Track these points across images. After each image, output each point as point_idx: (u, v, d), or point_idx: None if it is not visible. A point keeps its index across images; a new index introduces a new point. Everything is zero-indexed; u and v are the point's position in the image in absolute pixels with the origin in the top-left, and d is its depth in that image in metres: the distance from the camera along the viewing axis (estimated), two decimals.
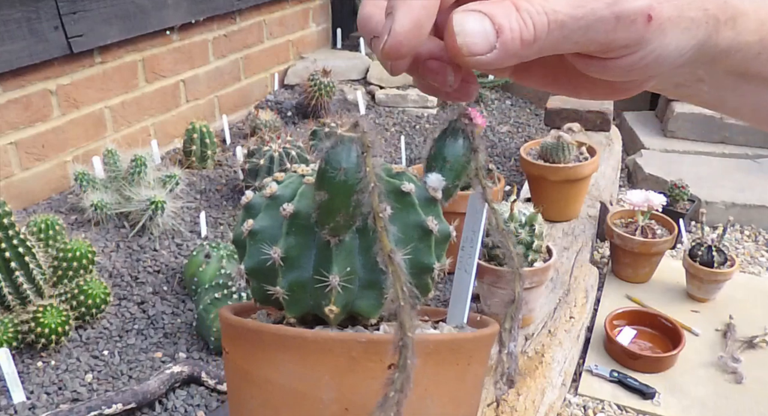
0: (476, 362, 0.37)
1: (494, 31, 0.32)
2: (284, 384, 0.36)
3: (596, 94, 0.40)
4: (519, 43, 0.32)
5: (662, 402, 1.57)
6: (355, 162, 0.33)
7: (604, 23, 0.32)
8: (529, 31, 0.32)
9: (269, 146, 1.95)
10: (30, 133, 1.93)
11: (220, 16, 2.54)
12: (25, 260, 1.30)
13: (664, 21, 0.33)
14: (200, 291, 1.38)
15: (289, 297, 0.38)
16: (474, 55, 0.32)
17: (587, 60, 0.35)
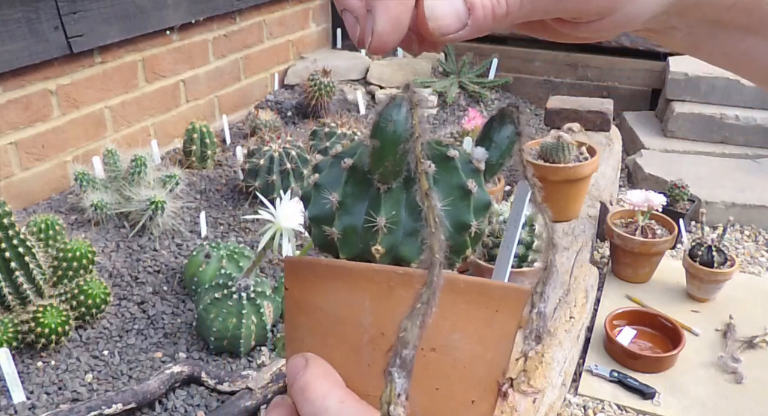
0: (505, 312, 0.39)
1: (466, 9, 0.32)
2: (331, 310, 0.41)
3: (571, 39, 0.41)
4: (491, 18, 0.33)
5: (662, 402, 1.57)
6: (404, 116, 0.38)
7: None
8: (501, 7, 0.32)
9: (269, 146, 1.95)
10: (30, 133, 1.93)
11: (220, 16, 2.54)
12: (25, 260, 1.30)
13: None
14: (200, 291, 1.38)
15: (343, 238, 0.42)
16: (446, 35, 0.33)
17: (560, 23, 0.37)
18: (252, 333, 1.33)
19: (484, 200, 0.43)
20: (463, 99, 3.02)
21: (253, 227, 1.86)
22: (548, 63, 3.33)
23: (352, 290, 0.40)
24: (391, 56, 3.23)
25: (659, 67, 3.14)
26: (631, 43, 3.19)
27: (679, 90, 2.90)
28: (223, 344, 1.33)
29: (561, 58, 3.31)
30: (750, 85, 2.80)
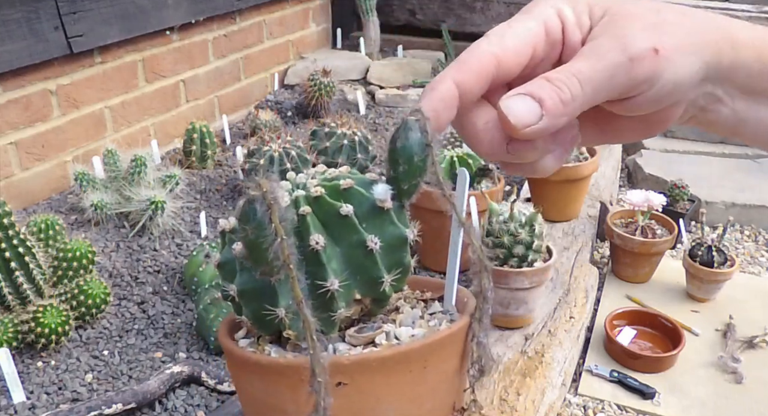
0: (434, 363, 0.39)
1: (537, 103, 0.39)
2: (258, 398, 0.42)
3: (638, 133, 0.47)
4: (561, 105, 0.39)
5: (662, 402, 1.57)
6: (259, 220, 0.36)
7: (622, 67, 0.39)
8: (566, 94, 0.39)
9: (269, 146, 1.95)
10: (30, 133, 1.93)
11: (220, 16, 2.54)
12: (25, 260, 1.30)
13: (670, 51, 0.40)
14: (200, 291, 1.38)
15: (257, 323, 0.42)
16: (527, 127, 0.38)
17: (621, 102, 0.42)
18: None
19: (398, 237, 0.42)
20: None
21: None
22: None
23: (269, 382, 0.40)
24: (391, 56, 3.23)
25: None
26: None
27: None
28: None
29: None
30: None
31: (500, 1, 3.33)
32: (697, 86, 0.43)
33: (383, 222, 0.41)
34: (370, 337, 0.40)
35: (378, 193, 0.41)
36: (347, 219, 0.40)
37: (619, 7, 0.43)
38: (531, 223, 1.29)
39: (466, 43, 1.94)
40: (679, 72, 0.41)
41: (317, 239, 0.37)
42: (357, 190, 0.41)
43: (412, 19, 3.53)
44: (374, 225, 0.41)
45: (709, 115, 0.47)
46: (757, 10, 3.06)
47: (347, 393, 0.37)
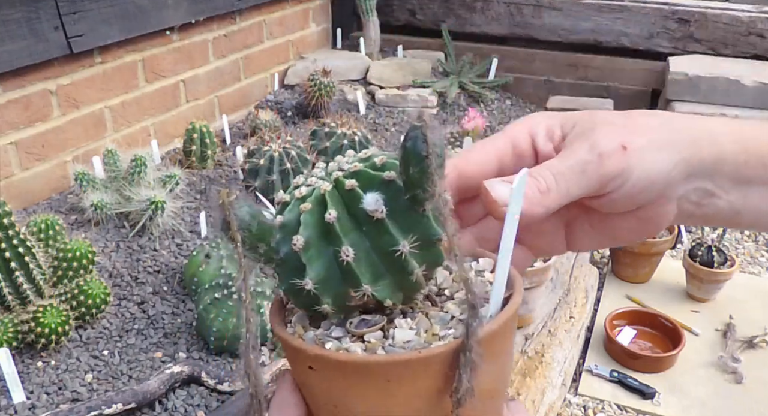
0: (400, 380, 0.37)
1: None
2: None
3: (634, 234, 0.49)
4: (538, 193, 0.41)
5: (662, 402, 1.57)
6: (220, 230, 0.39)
7: (592, 164, 0.42)
8: (542, 184, 0.42)
9: (269, 146, 1.95)
10: (30, 133, 1.93)
11: (220, 16, 2.54)
12: (25, 260, 1.30)
13: (638, 148, 0.43)
14: (200, 291, 1.38)
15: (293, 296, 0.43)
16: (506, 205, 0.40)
17: (600, 199, 0.45)
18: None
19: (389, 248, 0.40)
20: (463, 99, 3.02)
21: None
22: (548, 63, 3.33)
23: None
24: (391, 56, 3.23)
25: (659, 67, 3.14)
26: (631, 43, 3.20)
27: (679, 90, 2.90)
28: (223, 344, 1.33)
29: (561, 58, 3.31)
30: (750, 85, 2.81)
31: (500, 1, 3.33)
32: (683, 182, 0.46)
33: (378, 230, 0.39)
34: (360, 334, 0.39)
35: (367, 202, 0.39)
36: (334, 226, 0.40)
37: (589, 116, 0.46)
38: None
39: (466, 43, 1.97)
40: (652, 168, 0.43)
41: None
42: (357, 192, 0.40)
43: (412, 19, 3.53)
44: (372, 232, 0.40)
45: (706, 209, 0.48)
46: (757, 10, 3.06)
47: (317, 377, 0.38)
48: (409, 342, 0.39)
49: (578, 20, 3.23)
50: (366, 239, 0.40)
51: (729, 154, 0.46)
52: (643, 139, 0.44)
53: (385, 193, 0.39)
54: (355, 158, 0.43)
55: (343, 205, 0.40)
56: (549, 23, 3.28)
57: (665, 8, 3.11)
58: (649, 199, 0.46)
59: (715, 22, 3.06)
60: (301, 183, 0.43)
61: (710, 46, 3.11)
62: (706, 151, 0.45)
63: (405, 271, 0.40)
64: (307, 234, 0.40)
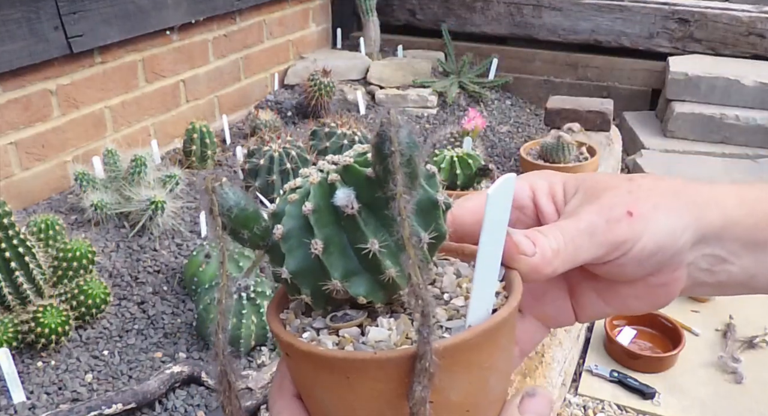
0: (360, 380, 0.37)
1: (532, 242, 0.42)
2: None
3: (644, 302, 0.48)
4: (549, 251, 0.42)
5: (662, 402, 1.57)
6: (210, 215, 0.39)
7: (599, 227, 0.43)
8: (553, 244, 0.42)
9: (269, 146, 1.95)
10: (30, 133, 1.93)
11: (220, 16, 2.54)
12: (25, 260, 1.30)
13: (644, 213, 0.43)
14: (200, 291, 1.38)
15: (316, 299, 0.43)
16: (524, 254, 0.41)
17: (607, 265, 0.44)
18: (252, 333, 1.33)
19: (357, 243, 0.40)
20: (463, 99, 3.02)
21: None
22: (548, 63, 3.33)
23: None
24: (391, 56, 3.23)
25: (659, 67, 3.14)
26: (631, 43, 3.20)
27: (679, 90, 2.90)
28: None
29: (561, 58, 3.31)
30: (750, 85, 2.81)
31: (500, 1, 3.33)
32: (692, 249, 0.45)
33: (351, 226, 0.39)
34: (336, 327, 0.39)
35: (337, 198, 0.39)
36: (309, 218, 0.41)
37: (592, 181, 0.46)
38: None
39: (466, 43, 1.97)
40: (659, 233, 0.43)
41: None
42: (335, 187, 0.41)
43: (412, 19, 3.53)
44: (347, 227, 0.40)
45: (718, 276, 0.47)
46: (757, 10, 3.06)
47: (291, 363, 0.40)
48: (380, 342, 0.39)
49: (578, 20, 3.23)
50: (343, 234, 0.40)
51: (737, 217, 0.45)
52: (649, 204, 0.44)
53: (367, 189, 0.39)
54: (354, 152, 0.42)
55: (326, 199, 0.40)
56: (549, 23, 3.28)
57: (665, 8, 3.11)
58: (659, 266, 0.45)
59: (715, 22, 3.06)
60: (306, 174, 0.43)
61: (710, 46, 3.11)
62: (714, 215, 0.45)
63: (378, 270, 0.39)
64: (290, 224, 0.40)
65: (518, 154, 2.06)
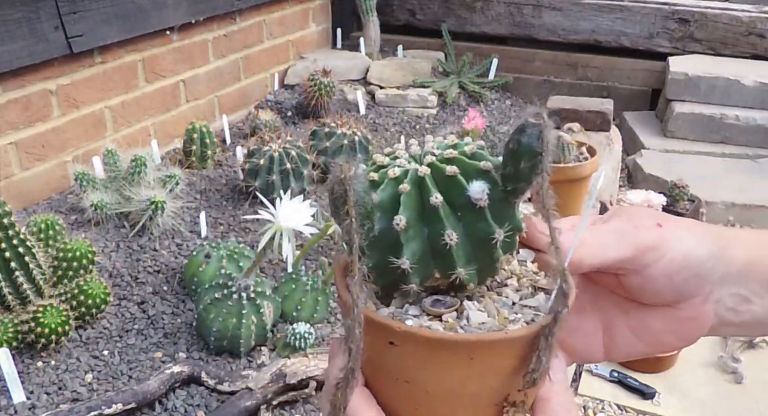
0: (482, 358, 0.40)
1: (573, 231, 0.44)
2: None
3: (674, 336, 0.50)
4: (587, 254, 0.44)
5: (662, 402, 1.57)
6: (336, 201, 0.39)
7: (627, 230, 0.45)
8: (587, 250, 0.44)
9: (269, 146, 1.95)
10: (30, 133, 1.93)
11: (220, 16, 2.54)
12: (25, 260, 1.30)
13: (672, 227, 0.46)
14: (200, 291, 1.38)
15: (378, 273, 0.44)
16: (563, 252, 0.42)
17: (638, 276, 0.46)
18: (252, 333, 1.33)
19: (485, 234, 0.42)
20: (463, 99, 3.02)
21: (253, 227, 1.86)
22: (548, 63, 3.33)
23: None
24: (391, 56, 3.23)
25: (659, 67, 3.14)
26: (631, 43, 3.20)
27: (679, 90, 2.90)
28: (223, 344, 1.33)
29: (561, 58, 3.31)
30: (750, 85, 2.81)
31: (500, 1, 3.33)
32: (719, 285, 0.47)
33: (476, 218, 0.42)
34: (437, 313, 0.42)
35: (474, 190, 0.41)
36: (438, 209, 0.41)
37: (620, 209, 0.49)
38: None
39: (466, 43, 1.99)
40: (687, 248, 0.46)
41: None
42: (459, 179, 0.42)
43: (412, 19, 3.53)
44: (468, 218, 0.42)
45: (743, 316, 0.49)
46: (757, 10, 3.06)
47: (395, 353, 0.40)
48: (483, 324, 0.41)
49: (578, 20, 3.23)
50: (460, 224, 0.42)
51: (758, 257, 0.48)
52: (677, 223, 0.47)
53: (482, 178, 0.42)
54: (443, 144, 0.45)
55: (441, 188, 0.41)
56: (549, 23, 3.28)
57: (665, 8, 3.11)
58: (686, 286, 0.47)
59: (715, 22, 3.06)
60: (387, 163, 0.44)
61: (710, 46, 3.11)
62: (737, 252, 0.47)
63: (492, 258, 0.42)
64: (407, 214, 0.40)
65: None
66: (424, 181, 0.41)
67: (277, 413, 1.23)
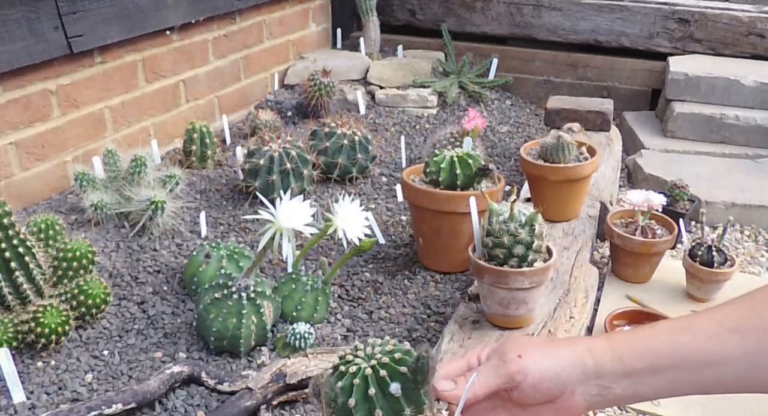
0: None
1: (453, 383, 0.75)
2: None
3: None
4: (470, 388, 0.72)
5: (662, 402, 1.57)
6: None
7: (499, 365, 0.71)
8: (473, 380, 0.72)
9: (269, 146, 1.95)
10: (30, 133, 1.93)
11: (220, 16, 2.54)
12: (25, 260, 1.30)
13: (531, 354, 0.70)
14: (200, 291, 1.38)
15: None
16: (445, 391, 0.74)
17: (515, 391, 0.71)
18: (252, 333, 1.33)
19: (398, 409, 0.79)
20: (463, 99, 3.02)
21: (253, 227, 1.87)
22: (548, 63, 3.33)
23: None
24: (391, 56, 3.23)
25: (659, 67, 3.14)
26: (631, 43, 3.20)
27: (679, 90, 2.90)
28: (223, 344, 1.34)
29: (561, 58, 3.31)
30: (750, 85, 2.81)
31: (500, 1, 3.33)
32: (581, 383, 0.69)
33: (395, 401, 0.79)
34: None
35: (392, 388, 0.79)
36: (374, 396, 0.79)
37: (507, 341, 0.74)
38: (531, 223, 1.29)
39: (466, 43, 2.06)
40: (540, 367, 0.69)
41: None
42: (387, 380, 0.80)
43: (412, 19, 3.53)
44: (391, 401, 0.80)
45: (608, 396, 0.70)
46: (757, 10, 3.06)
47: None
48: None
49: (578, 20, 3.23)
50: (387, 403, 0.79)
51: (604, 362, 0.69)
52: (535, 349, 0.71)
53: (399, 379, 0.78)
54: (382, 350, 0.82)
55: (377, 383, 0.78)
56: (549, 23, 3.28)
57: (665, 8, 3.11)
58: (550, 392, 0.70)
59: (715, 22, 3.06)
60: (350, 360, 0.81)
61: (710, 46, 3.11)
62: (590, 360, 0.69)
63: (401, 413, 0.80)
64: (357, 397, 0.78)
65: (518, 154, 2.06)
66: (367, 378, 0.78)
67: (277, 413, 1.23)
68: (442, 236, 1.62)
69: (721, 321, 0.68)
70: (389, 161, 2.39)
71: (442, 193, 1.58)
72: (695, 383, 0.69)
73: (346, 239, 1.39)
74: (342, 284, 1.63)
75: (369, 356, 0.80)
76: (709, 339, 0.67)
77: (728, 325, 0.67)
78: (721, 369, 0.67)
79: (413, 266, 1.72)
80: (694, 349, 0.68)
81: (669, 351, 0.68)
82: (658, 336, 0.70)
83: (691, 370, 0.68)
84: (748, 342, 0.65)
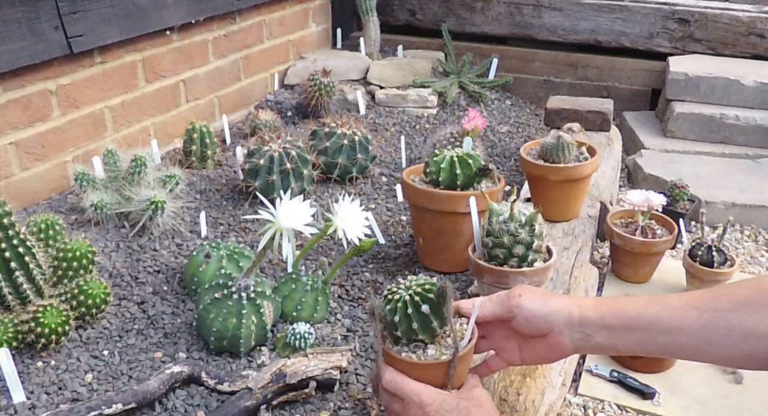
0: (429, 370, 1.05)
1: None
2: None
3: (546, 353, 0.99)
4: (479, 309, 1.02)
5: (662, 402, 1.57)
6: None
7: (504, 299, 0.99)
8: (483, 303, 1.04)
9: (269, 146, 1.95)
10: (30, 133, 1.93)
11: (220, 16, 2.54)
12: (25, 260, 1.30)
13: (528, 296, 0.97)
14: (200, 291, 1.38)
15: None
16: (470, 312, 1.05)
17: (513, 321, 0.97)
18: (252, 333, 1.33)
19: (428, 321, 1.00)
20: (463, 99, 3.02)
21: (253, 227, 1.87)
22: (548, 63, 3.33)
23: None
24: (391, 56, 3.23)
25: (659, 67, 3.14)
26: (631, 43, 3.20)
27: (679, 90, 2.90)
28: (223, 344, 1.34)
29: (561, 58, 3.31)
30: (750, 85, 2.81)
31: (500, 1, 3.33)
32: (566, 327, 0.93)
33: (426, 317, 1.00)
34: (413, 351, 1.04)
35: (423, 308, 0.99)
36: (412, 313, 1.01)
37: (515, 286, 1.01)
38: (531, 223, 1.29)
39: (466, 43, 2.09)
40: (531, 306, 0.95)
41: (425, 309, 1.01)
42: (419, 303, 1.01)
43: (412, 19, 3.53)
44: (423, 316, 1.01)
45: (590, 342, 0.93)
46: (757, 10, 3.06)
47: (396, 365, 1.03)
48: (432, 355, 1.01)
49: (578, 20, 3.23)
50: (420, 318, 1.00)
51: (590, 316, 0.92)
52: (533, 294, 0.97)
53: (428, 302, 0.99)
54: (417, 283, 1.03)
55: (413, 305, 0.99)
56: (549, 23, 3.28)
57: (665, 8, 3.11)
58: (540, 326, 0.94)
59: (715, 22, 3.07)
60: (395, 291, 1.03)
61: (710, 46, 3.11)
62: (577, 312, 0.93)
63: (431, 330, 1.01)
64: (399, 315, 1.00)
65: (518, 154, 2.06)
66: (406, 302, 1.00)
67: (277, 413, 1.23)
68: (442, 236, 1.62)
69: (688, 299, 0.85)
70: (389, 161, 2.39)
71: (442, 193, 1.58)
72: (660, 345, 0.86)
73: (346, 239, 1.39)
74: (342, 284, 1.63)
75: (407, 288, 1.02)
76: (674, 311, 0.85)
77: (692, 303, 0.84)
78: (680, 337, 0.84)
79: (413, 266, 1.72)
80: (660, 317, 0.85)
81: (640, 314, 0.87)
82: (635, 303, 0.90)
83: (657, 333, 0.86)
84: (704, 318, 0.82)
